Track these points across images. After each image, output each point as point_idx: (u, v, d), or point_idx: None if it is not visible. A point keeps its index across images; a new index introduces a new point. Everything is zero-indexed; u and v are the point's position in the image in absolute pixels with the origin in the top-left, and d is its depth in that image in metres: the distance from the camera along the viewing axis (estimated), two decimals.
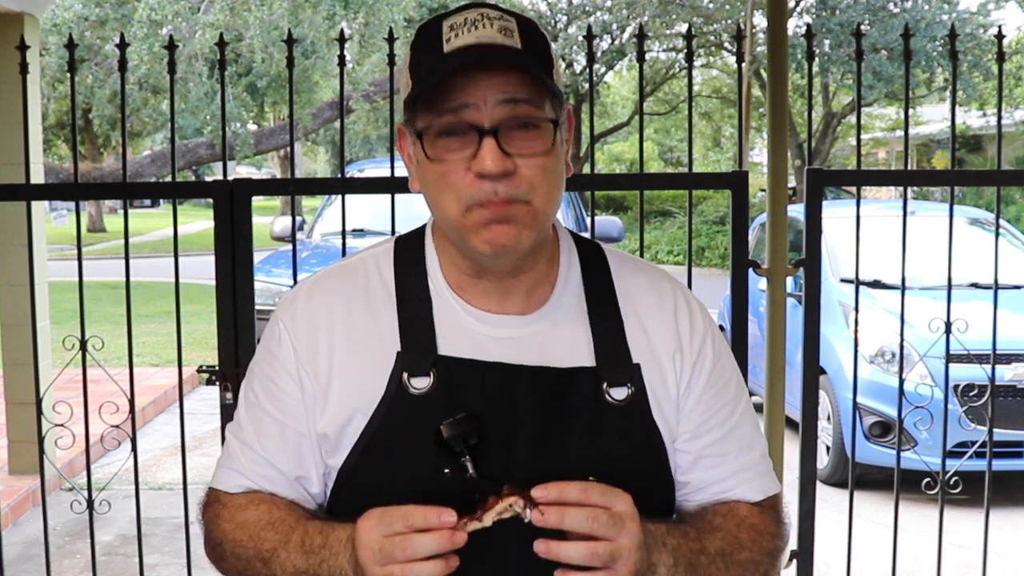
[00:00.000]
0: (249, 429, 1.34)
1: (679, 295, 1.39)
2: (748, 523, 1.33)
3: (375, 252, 1.38)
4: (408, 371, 1.27)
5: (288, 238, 8.13)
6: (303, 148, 34.00)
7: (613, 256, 1.39)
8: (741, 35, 3.34)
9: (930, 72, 19.54)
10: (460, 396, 1.26)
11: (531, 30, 1.25)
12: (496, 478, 1.23)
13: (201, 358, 8.86)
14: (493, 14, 1.24)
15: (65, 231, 16.80)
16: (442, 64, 1.21)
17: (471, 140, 1.21)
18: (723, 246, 18.82)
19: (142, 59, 12.35)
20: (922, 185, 6.95)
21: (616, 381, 1.30)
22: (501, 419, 1.26)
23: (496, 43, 1.21)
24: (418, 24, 9.45)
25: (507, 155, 1.21)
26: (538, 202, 1.24)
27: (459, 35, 1.22)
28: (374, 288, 1.34)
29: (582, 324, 1.33)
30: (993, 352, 3.25)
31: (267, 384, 1.33)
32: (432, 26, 1.25)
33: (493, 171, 1.20)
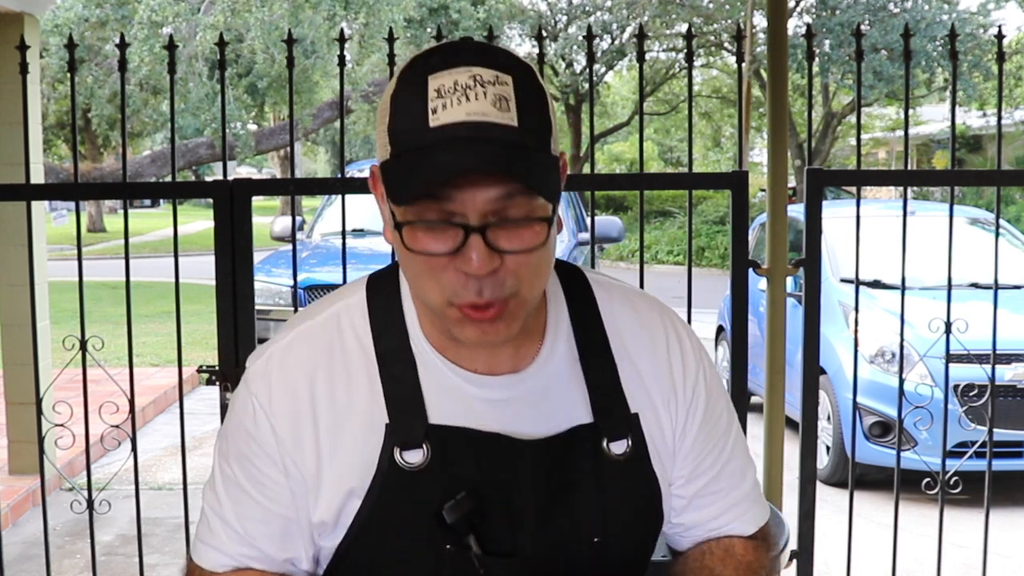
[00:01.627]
0: (229, 507, 1.23)
1: (669, 329, 1.31)
2: (744, 562, 1.31)
3: (347, 304, 1.25)
4: (399, 445, 1.17)
5: (288, 238, 8.13)
6: (303, 148, 34.01)
7: (599, 287, 1.30)
8: (741, 35, 3.35)
9: (930, 72, 19.53)
10: (457, 469, 1.18)
11: (527, 89, 1.10)
12: (502, 553, 1.19)
13: (201, 358, 8.86)
14: (487, 76, 1.08)
15: (65, 231, 16.80)
16: (426, 151, 1.07)
17: (456, 235, 1.08)
18: (723, 246, 18.81)
19: (143, 60, 12.35)
20: (922, 185, 6.95)
21: (615, 435, 1.23)
22: (501, 492, 1.19)
23: (489, 122, 1.06)
24: (418, 24, 9.40)
25: (495, 251, 1.09)
26: (526, 292, 1.13)
27: (447, 105, 1.07)
28: (351, 351, 1.21)
29: (575, 375, 1.24)
30: (993, 352, 3.25)
31: (246, 465, 1.22)
32: (416, 78, 1.10)
33: (479, 273, 1.08)
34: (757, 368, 4.45)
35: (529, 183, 1.08)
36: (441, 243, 1.09)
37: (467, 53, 1.11)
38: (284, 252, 8.34)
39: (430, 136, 1.07)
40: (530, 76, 1.12)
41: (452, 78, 1.08)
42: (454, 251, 1.09)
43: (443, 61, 1.10)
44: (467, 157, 1.06)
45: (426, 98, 1.08)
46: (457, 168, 1.05)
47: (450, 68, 1.09)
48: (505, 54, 1.13)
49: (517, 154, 1.07)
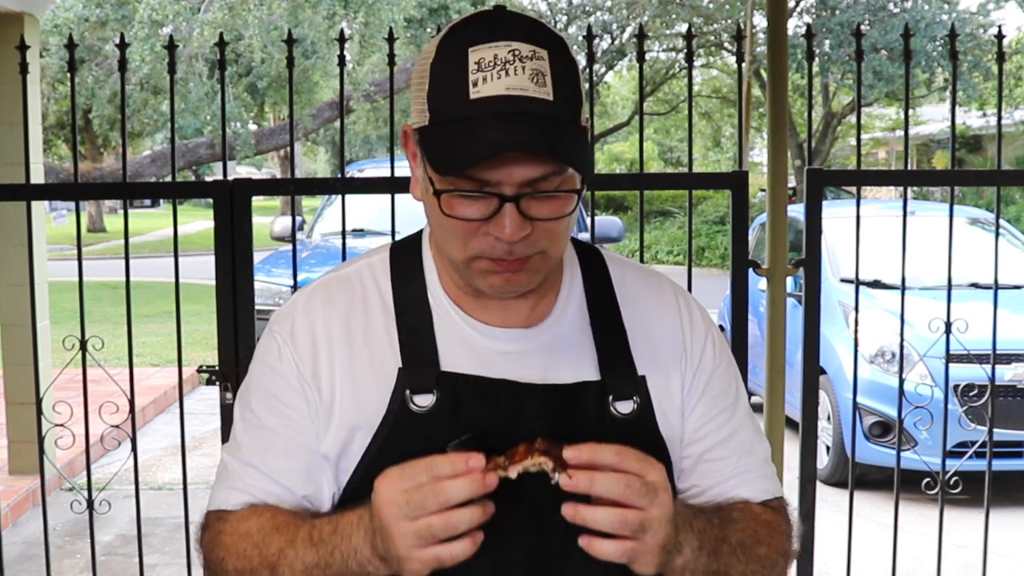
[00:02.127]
0: (250, 448, 1.28)
1: (680, 299, 1.37)
2: (763, 519, 1.31)
3: (370, 262, 1.33)
4: (411, 388, 1.23)
5: (288, 238, 8.13)
6: (303, 148, 34.01)
7: (613, 262, 1.37)
8: (741, 35, 3.34)
9: (930, 72, 19.54)
10: (465, 414, 1.23)
11: (561, 62, 1.16)
12: (505, 499, 1.19)
13: (201, 358, 8.86)
14: (525, 51, 1.14)
15: (65, 231, 16.80)
16: (468, 123, 1.12)
17: (490, 203, 1.15)
18: (723, 246, 18.82)
19: (143, 59, 12.34)
20: (922, 185, 6.95)
21: (621, 395, 1.27)
22: (507, 437, 1.20)
23: (527, 96, 1.12)
24: (418, 24, 9.41)
25: (527, 218, 1.16)
26: (552, 251, 1.21)
27: (487, 79, 1.12)
28: (371, 301, 1.29)
29: (586, 336, 1.30)
30: (993, 352, 3.25)
31: (269, 401, 1.28)
32: (456, 49, 1.15)
33: (512, 239, 1.16)
34: (757, 368, 4.45)
35: (566, 160, 1.14)
36: (476, 210, 1.16)
37: (505, 26, 1.16)
38: (284, 252, 8.34)
39: (471, 108, 1.12)
40: (563, 49, 1.17)
41: (492, 52, 1.13)
42: (488, 217, 1.16)
43: (483, 34, 1.15)
44: (509, 135, 1.11)
45: (467, 70, 1.13)
46: (500, 147, 1.11)
47: (490, 42, 1.14)
48: (540, 27, 1.18)
49: (554, 130, 1.13)
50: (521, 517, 1.22)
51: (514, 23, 1.17)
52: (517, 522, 1.22)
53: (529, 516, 1.23)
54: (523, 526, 1.23)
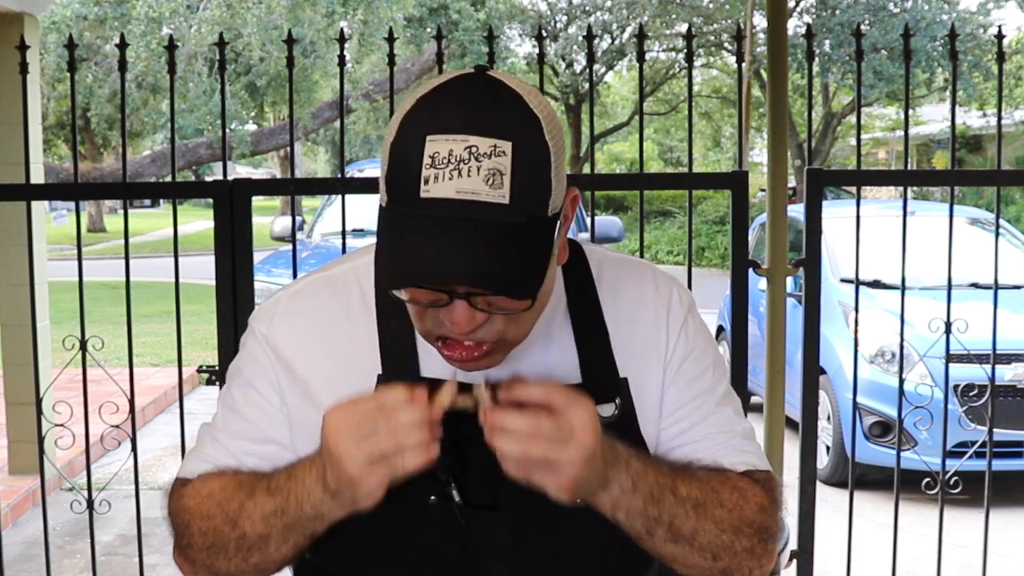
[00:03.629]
0: (224, 428, 1.30)
1: (660, 290, 1.33)
2: (733, 483, 1.25)
3: (356, 264, 1.31)
4: None
5: (288, 238, 8.13)
6: (303, 148, 34.01)
7: (593, 257, 1.33)
8: (741, 35, 3.34)
9: (930, 72, 19.54)
10: (443, 420, 1.18)
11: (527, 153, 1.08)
12: (483, 504, 1.20)
13: (201, 358, 8.86)
14: (484, 147, 1.06)
15: (65, 231, 16.81)
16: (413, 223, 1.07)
17: (441, 296, 1.11)
18: (723, 246, 18.81)
19: (139, 57, 12.34)
20: (922, 185, 6.96)
21: (602, 398, 1.23)
22: (485, 444, 1.17)
23: (478, 201, 1.06)
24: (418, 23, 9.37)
25: (481, 311, 1.11)
26: (511, 337, 1.17)
27: (439, 178, 1.06)
28: (355, 303, 1.28)
29: (567, 338, 1.28)
30: (993, 352, 3.25)
31: (247, 390, 1.29)
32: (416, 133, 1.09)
33: (463, 331, 1.12)
34: (757, 368, 4.44)
35: (504, 290, 1.08)
36: (427, 298, 1.13)
37: (470, 111, 1.09)
38: (284, 252, 8.33)
39: (420, 207, 1.07)
40: (534, 134, 1.10)
41: (448, 146, 1.07)
42: (439, 306, 1.12)
43: (444, 121, 1.08)
44: (452, 257, 1.06)
45: (420, 162, 1.07)
46: (438, 274, 1.07)
47: (449, 133, 1.07)
48: (511, 108, 1.10)
49: (501, 241, 1.07)
50: (497, 524, 1.22)
51: (483, 105, 1.09)
52: (494, 529, 1.22)
53: (506, 523, 1.22)
54: (500, 534, 1.23)
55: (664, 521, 1.19)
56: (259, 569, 1.24)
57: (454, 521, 1.20)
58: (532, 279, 1.10)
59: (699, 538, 1.22)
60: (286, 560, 1.24)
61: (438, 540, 1.22)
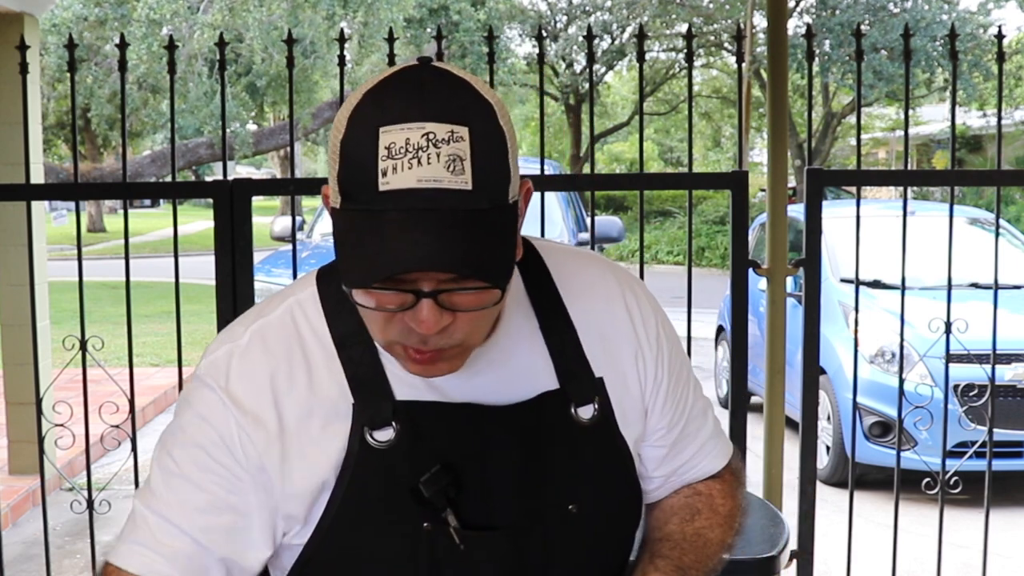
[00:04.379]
0: (171, 501, 1.16)
1: (624, 286, 1.30)
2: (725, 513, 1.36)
3: (299, 299, 1.22)
4: (367, 424, 1.15)
5: (288, 238, 8.12)
6: (303, 148, 34.00)
7: (548, 254, 1.28)
8: (741, 35, 3.34)
9: (930, 72, 19.54)
10: (428, 443, 1.16)
11: (484, 138, 1.05)
12: (479, 525, 1.18)
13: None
14: (441, 133, 1.02)
15: (65, 231, 16.81)
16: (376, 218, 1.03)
17: (407, 297, 1.06)
18: (723, 246, 18.81)
19: (141, 58, 12.34)
20: (922, 185, 6.95)
21: (582, 400, 1.22)
22: (475, 464, 1.17)
23: (441, 188, 1.02)
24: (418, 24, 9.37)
25: (447, 310, 1.07)
26: (472, 341, 1.13)
27: (398, 168, 1.02)
28: (307, 342, 1.19)
29: (537, 344, 1.23)
30: (993, 352, 3.25)
31: (194, 452, 1.16)
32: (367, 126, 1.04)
33: (429, 332, 1.07)
34: (757, 368, 4.45)
35: (477, 273, 1.04)
36: (391, 302, 1.07)
37: (422, 99, 1.05)
38: (284, 252, 8.33)
39: (380, 201, 1.03)
40: (489, 120, 1.06)
41: (404, 135, 1.03)
42: (404, 309, 1.07)
43: (396, 111, 1.04)
44: (418, 247, 1.02)
45: (376, 155, 1.03)
46: (406, 264, 1.02)
47: (403, 122, 1.03)
48: (465, 94, 1.07)
49: (467, 230, 1.03)
50: (496, 544, 1.20)
51: (434, 93, 1.05)
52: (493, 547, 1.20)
53: (505, 542, 1.21)
54: (499, 551, 1.20)
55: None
56: None
57: (451, 545, 1.17)
58: (503, 264, 1.07)
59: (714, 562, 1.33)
60: None
61: (435, 567, 1.18)
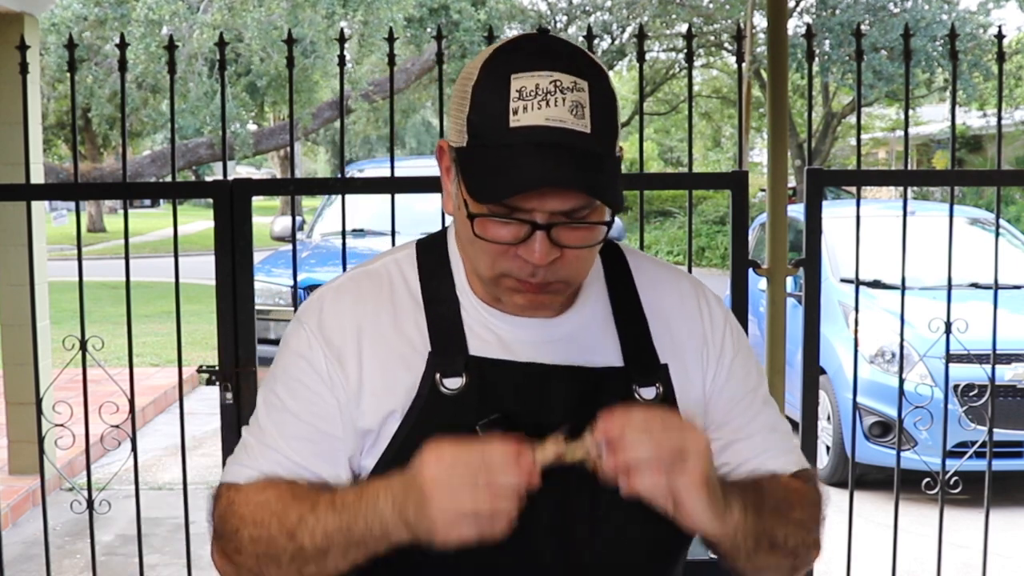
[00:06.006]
0: (271, 430, 1.29)
1: (698, 291, 1.40)
2: (793, 487, 1.34)
3: (396, 258, 1.36)
4: (440, 372, 1.26)
5: (288, 238, 8.12)
6: (303, 148, 34.00)
7: (631, 255, 1.40)
8: (741, 35, 3.34)
9: (930, 72, 19.52)
10: (493, 396, 1.26)
11: (600, 94, 1.19)
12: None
13: (201, 358, 8.86)
14: (566, 82, 1.17)
15: (65, 231, 16.81)
16: (505, 150, 1.16)
17: (522, 228, 1.19)
18: (723, 246, 18.81)
19: (138, 58, 12.33)
20: (922, 185, 6.96)
21: (645, 382, 1.31)
22: (535, 419, 1.25)
23: (565, 128, 1.15)
24: (418, 23, 9.39)
25: (557, 245, 1.20)
26: (575, 278, 1.26)
27: (528, 108, 1.15)
28: (399, 293, 1.32)
29: (609, 325, 1.33)
30: (993, 352, 3.25)
31: (294, 386, 1.30)
32: (499, 74, 1.18)
33: (540, 263, 1.20)
34: None
35: (599, 196, 1.17)
36: (508, 234, 1.20)
37: (550, 54, 1.19)
38: (284, 252, 8.33)
39: (510, 136, 1.16)
40: (603, 80, 1.20)
41: (534, 81, 1.16)
42: (519, 241, 1.19)
43: (527, 61, 1.18)
44: (546, 169, 1.14)
45: (508, 97, 1.16)
46: (536, 182, 1.14)
47: (533, 70, 1.17)
48: (583, 57, 1.21)
49: (589, 164, 1.16)
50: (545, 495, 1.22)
51: (558, 51, 1.19)
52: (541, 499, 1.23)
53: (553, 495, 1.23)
54: (547, 504, 1.24)
55: (767, 532, 1.26)
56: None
57: None
58: (619, 195, 1.20)
59: (789, 542, 1.30)
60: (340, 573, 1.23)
61: None
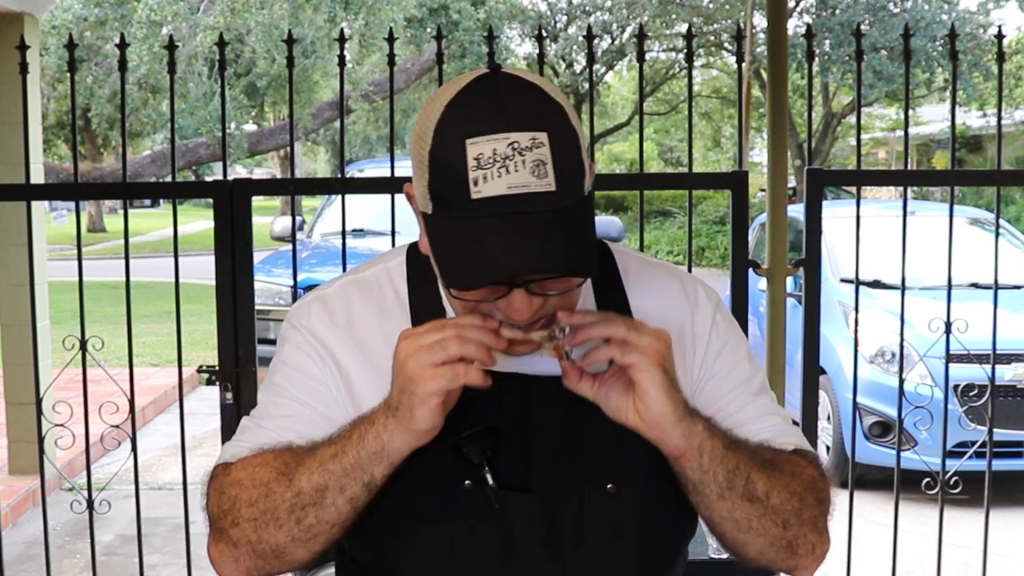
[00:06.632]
0: (272, 413, 1.31)
1: (688, 285, 1.39)
2: (785, 456, 1.30)
3: (388, 266, 1.36)
4: None
5: (288, 238, 8.12)
6: (303, 148, 34.00)
7: (620, 255, 1.39)
8: (741, 35, 3.34)
9: (930, 72, 19.53)
10: (477, 408, 1.25)
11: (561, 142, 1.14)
12: (516, 488, 1.24)
13: (201, 358, 8.86)
14: (524, 141, 1.12)
15: (65, 231, 16.80)
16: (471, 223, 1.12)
17: (500, 288, 1.17)
18: (723, 246, 18.81)
19: (142, 59, 12.33)
20: (922, 185, 6.95)
21: None
22: (519, 430, 1.25)
23: (529, 192, 1.11)
24: (418, 24, 9.38)
25: (538, 295, 1.17)
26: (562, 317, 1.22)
27: (488, 178, 1.11)
28: (389, 303, 1.33)
29: None
30: (993, 352, 3.25)
31: (293, 374, 1.31)
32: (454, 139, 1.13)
33: (522, 320, 1.18)
34: None
35: (572, 269, 1.15)
36: (490, 294, 1.18)
37: (504, 111, 1.13)
38: (284, 252, 8.34)
39: (473, 208, 1.12)
40: (562, 122, 1.16)
41: (491, 146, 1.12)
42: (497, 298, 1.18)
43: (481, 124, 1.13)
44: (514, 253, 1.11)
45: (466, 166, 1.12)
46: (506, 269, 1.12)
47: (488, 133, 1.12)
48: (538, 101, 1.16)
49: (558, 229, 1.12)
50: (530, 507, 1.25)
51: (513, 103, 1.14)
52: (527, 510, 1.25)
53: (539, 506, 1.25)
54: (533, 515, 1.25)
55: (743, 472, 1.22)
56: (311, 534, 1.23)
57: (488, 505, 1.23)
58: (591, 255, 1.17)
59: (772, 499, 1.24)
60: (339, 521, 1.23)
61: (471, 525, 1.25)
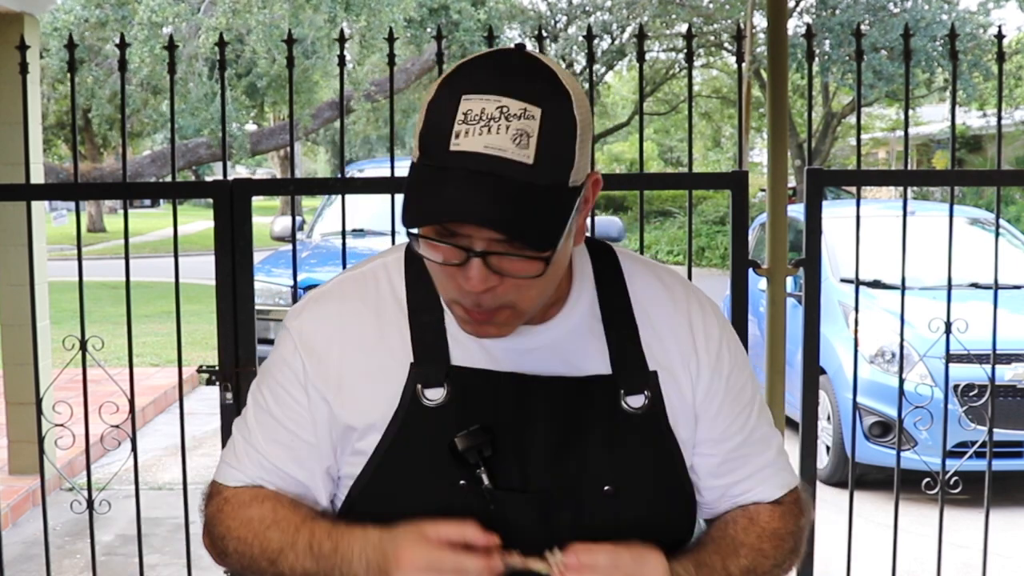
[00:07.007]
0: (257, 434, 1.34)
1: (692, 299, 1.37)
2: (770, 530, 1.36)
3: (386, 262, 1.35)
4: (422, 383, 1.26)
5: (288, 238, 8.12)
6: (303, 148, 33.99)
7: (625, 259, 1.38)
8: (741, 35, 3.34)
9: (930, 72, 19.52)
10: (474, 407, 1.26)
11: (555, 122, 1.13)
12: (512, 488, 1.24)
13: (201, 358, 8.86)
14: (515, 108, 1.11)
15: (65, 231, 16.81)
16: (440, 174, 1.12)
17: (460, 253, 1.16)
18: (723, 246, 18.81)
19: (143, 60, 12.32)
20: (922, 185, 6.95)
21: (633, 389, 1.29)
22: (515, 430, 1.26)
23: (503, 157, 1.10)
24: (418, 24, 9.41)
25: (494, 272, 1.16)
26: (523, 305, 1.21)
27: (469, 133, 1.11)
28: (385, 299, 1.32)
29: (596, 332, 1.31)
30: (993, 352, 3.25)
31: (277, 391, 1.33)
32: (453, 92, 1.14)
33: (476, 290, 1.16)
34: (757, 368, 4.44)
35: (518, 235, 1.12)
36: (446, 256, 1.17)
37: (508, 77, 1.14)
38: (284, 252, 8.34)
39: (449, 159, 1.12)
40: (564, 108, 1.14)
41: (481, 104, 1.12)
42: (457, 264, 1.16)
43: (481, 83, 1.13)
44: (472, 201, 1.10)
45: (454, 118, 1.12)
46: (459, 214, 1.11)
47: (483, 93, 1.12)
48: (548, 81, 1.15)
49: (522, 199, 1.11)
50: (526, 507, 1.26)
51: (519, 73, 1.14)
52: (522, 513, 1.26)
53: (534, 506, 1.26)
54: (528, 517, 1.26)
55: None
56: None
57: (483, 505, 1.23)
58: (547, 235, 1.14)
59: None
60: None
61: None
